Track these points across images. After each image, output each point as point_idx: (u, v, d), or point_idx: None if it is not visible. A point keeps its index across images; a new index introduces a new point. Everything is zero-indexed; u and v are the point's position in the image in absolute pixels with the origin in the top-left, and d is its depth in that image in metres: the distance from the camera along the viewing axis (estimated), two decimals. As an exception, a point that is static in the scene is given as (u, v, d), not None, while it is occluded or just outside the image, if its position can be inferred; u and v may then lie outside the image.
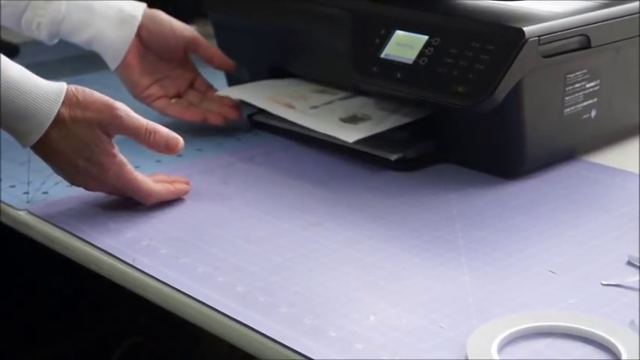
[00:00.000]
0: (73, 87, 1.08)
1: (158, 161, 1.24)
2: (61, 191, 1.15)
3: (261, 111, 1.33)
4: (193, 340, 1.51)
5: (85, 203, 1.12)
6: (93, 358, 1.52)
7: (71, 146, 1.06)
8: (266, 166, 1.14)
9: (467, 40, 1.12)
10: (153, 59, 1.32)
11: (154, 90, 1.32)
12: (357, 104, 1.28)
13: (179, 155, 1.17)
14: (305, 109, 1.27)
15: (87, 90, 1.08)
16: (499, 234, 1.03)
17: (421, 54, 1.15)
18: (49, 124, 1.05)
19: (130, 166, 1.10)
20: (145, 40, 1.30)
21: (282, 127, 1.30)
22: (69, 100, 1.06)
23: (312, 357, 0.84)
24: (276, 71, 1.37)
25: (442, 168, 1.20)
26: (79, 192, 1.14)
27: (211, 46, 1.36)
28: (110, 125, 1.07)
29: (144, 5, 1.31)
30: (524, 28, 1.09)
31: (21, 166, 1.21)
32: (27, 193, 1.15)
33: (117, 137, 1.10)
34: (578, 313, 0.88)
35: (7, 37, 1.65)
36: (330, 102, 1.29)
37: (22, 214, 1.12)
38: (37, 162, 1.21)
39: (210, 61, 1.36)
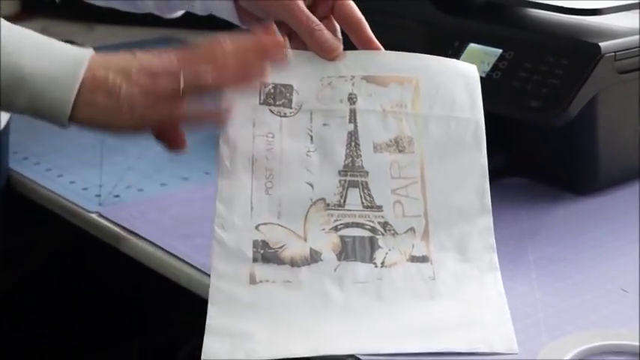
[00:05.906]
0: None
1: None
2: (132, 195, 1.17)
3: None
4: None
5: (156, 208, 1.13)
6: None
7: None
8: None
9: (541, 54, 1.11)
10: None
11: None
12: None
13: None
14: None
15: None
16: (570, 250, 1.02)
17: (494, 67, 1.14)
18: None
19: None
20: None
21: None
22: None
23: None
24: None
25: (512, 182, 1.19)
26: (149, 196, 1.15)
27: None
28: None
29: None
30: (600, 44, 1.08)
31: (93, 169, 1.23)
32: (99, 195, 1.17)
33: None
34: (650, 333, 0.87)
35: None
36: None
37: (94, 217, 1.14)
38: (110, 165, 1.23)
39: None
